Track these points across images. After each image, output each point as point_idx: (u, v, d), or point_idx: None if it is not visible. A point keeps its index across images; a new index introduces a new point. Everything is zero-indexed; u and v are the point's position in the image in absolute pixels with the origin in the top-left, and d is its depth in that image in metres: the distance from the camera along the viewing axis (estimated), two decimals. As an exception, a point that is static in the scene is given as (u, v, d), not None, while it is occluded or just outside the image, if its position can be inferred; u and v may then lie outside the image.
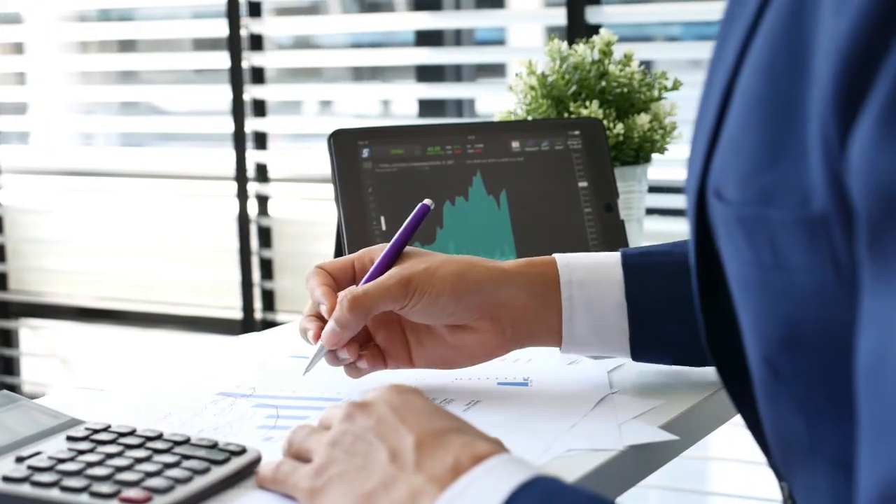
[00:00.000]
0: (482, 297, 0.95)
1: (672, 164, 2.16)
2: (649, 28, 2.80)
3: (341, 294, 0.96)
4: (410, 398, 0.76)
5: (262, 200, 2.83)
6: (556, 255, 1.00)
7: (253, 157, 2.80)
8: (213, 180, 2.95)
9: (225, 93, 2.80)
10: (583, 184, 1.38)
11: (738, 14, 0.63)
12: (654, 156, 1.57)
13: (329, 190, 2.77)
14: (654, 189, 1.83)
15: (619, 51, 1.58)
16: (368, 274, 0.99)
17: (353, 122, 2.98)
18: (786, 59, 0.57)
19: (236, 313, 2.88)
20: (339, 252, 1.36)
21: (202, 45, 3.21)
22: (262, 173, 2.81)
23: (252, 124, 2.79)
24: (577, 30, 2.30)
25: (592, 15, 2.34)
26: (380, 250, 1.00)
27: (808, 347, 0.58)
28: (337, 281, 1.00)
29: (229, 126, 2.79)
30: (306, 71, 3.21)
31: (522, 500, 0.64)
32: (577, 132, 1.41)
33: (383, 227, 1.30)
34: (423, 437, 0.71)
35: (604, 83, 1.56)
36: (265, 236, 2.85)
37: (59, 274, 3.17)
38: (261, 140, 2.81)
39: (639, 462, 0.88)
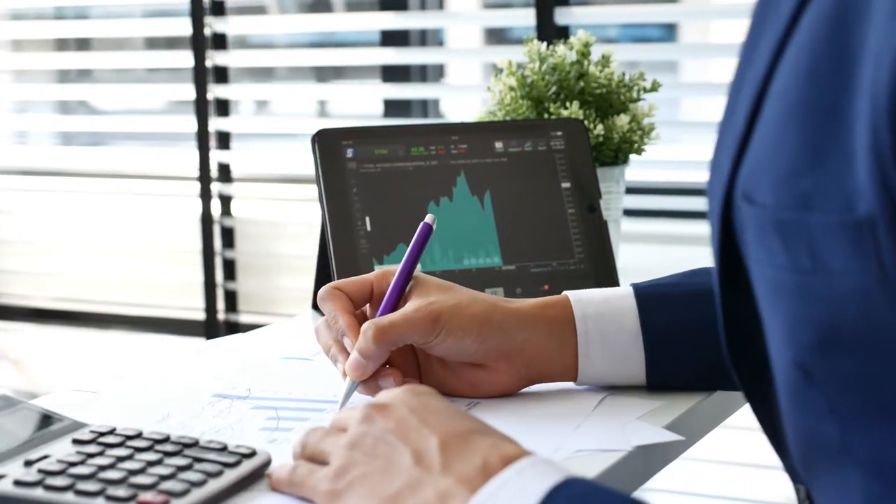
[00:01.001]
0: (503, 340, 0.95)
1: (647, 165, 2.18)
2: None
3: (365, 325, 0.94)
4: (428, 399, 0.75)
5: (226, 200, 2.81)
6: (568, 293, 1.00)
7: (216, 156, 2.78)
8: (175, 180, 2.92)
9: (187, 91, 2.78)
10: (566, 184, 1.38)
11: (769, 17, 0.63)
12: (631, 157, 1.57)
13: (294, 190, 2.77)
14: (630, 190, 1.84)
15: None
16: (384, 301, 0.98)
17: (314, 123, 2.96)
18: (829, 63, 0.57)
19: (199, 314, 2.85)
20: (322, 253, 1.35)
21: (156, 43, 3.19)
22: (225, 173, 2.79)
23: (215, 124, 2.76)
24: (547, 31, 2.30)
25: (561, 16, 2.34)
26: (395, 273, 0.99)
27: (844, 350, 0.58)
28: (354, 302, 0.99)
29: (192, 125, 2.77)
30: (260, 71, 3.17)
31: (557, 502, 0.64)
32: (559, 133, 1.41)
33: (368, 228, 1.30)
34: (447, 438, 0.71)
35: (582, 84, 1.56)
36: (228, 237, 2.83)
37: (16, 275, 3.13)
38: (224, 140, 2.79)
39: (646, 462, 0.88)
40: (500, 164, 1.37)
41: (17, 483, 0.73)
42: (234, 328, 2.82)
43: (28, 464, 0.76)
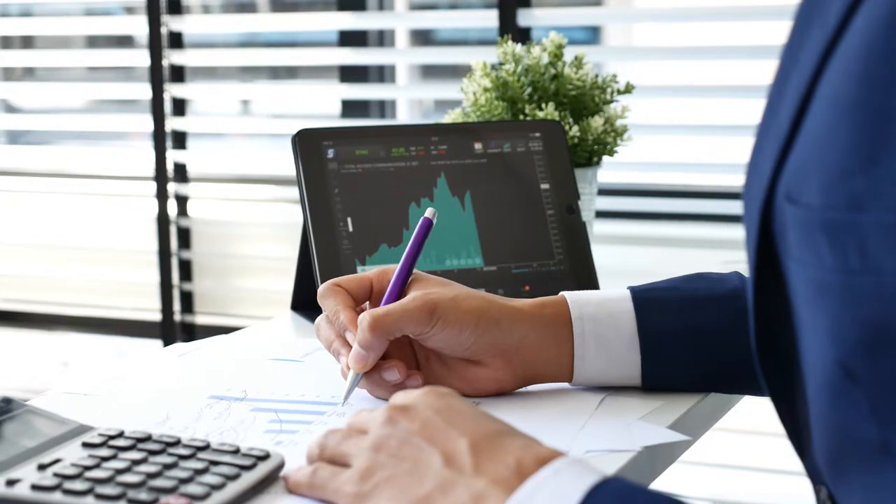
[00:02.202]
0: (499, 336, 0.96)
1: (616, 166, 2.19)
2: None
3: (362, 315, 0.95)
4: (452, 401, 0.75)
5: (181, 200, 2.78)
6: (565, 293, 1.00)
7: (172, 156, 2.76)
8: (130, 180, 2.89)
9: (144, 91, 2.75)
10: (544, 185, 1.39)
11: (814, 20, 0.64)
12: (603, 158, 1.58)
13: (250, 190, 2.75)
14: (600, 192, 1.85)
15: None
16: (386, 295, 0.98)
17: (268, 123, 2.95)
18: (885, 65, 0.57)
19: (154, 315, 2.83)
20: (304, 254, 1.34)
21: (96, 42, 3.15)
22: (181, 173, 2.77)
23: (171, 123, 2.74)
24: (509, 32, 2.30)
25: (523, 18, 2.35)
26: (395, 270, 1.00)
27: (890, 349, 0.58)
28: (354, 299, 0.99)
29: (148, 125, 2.74)
30: (205, 70, 3.14)
31: (597, 502, 0.64)
32: (537, 134, 1.42)
33: (350, 229, 1.29)
34: (476, 439, 0.71)
35: (556, 85, 1.57)
36: (184, 237, 2.80)
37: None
38: (180, 139, 2.76)
39: (652, 462, 0.89)
40: (480, 166, 1.37)
41: (35, 487, 0.72)
42: (190, 329, 2.80)
43: (41, 468, 0.75)
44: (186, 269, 2.82)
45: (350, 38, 2.71)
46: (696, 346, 0.98)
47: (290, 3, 3.21)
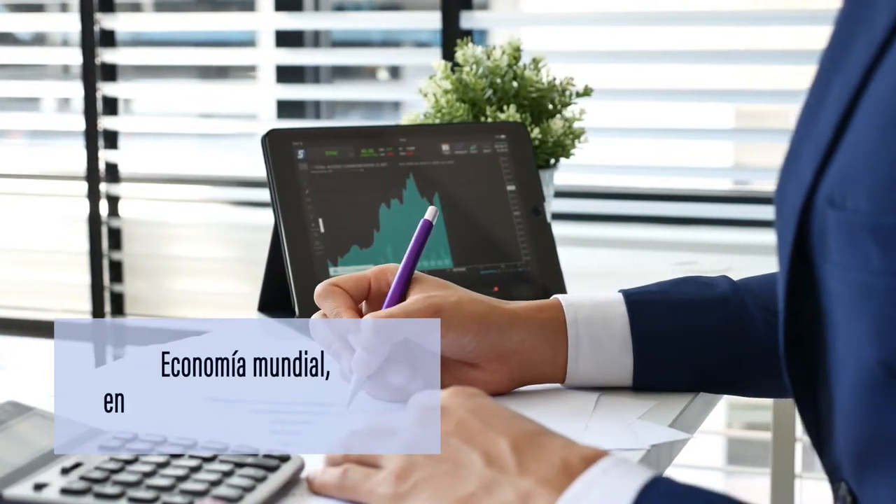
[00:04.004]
0: (499, 340, 0.97)
1: (572, 168, 2.20)
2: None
3: (365, 318, 0.94)
4: (483, 401, 0.75)
5: (113, 201, 2.75)
6: (559, 297, 1.01)
7: (104, 156, 2.72)
8: (60, 179, 2.84)
9: (76, 90, 2.71)
10: (511, 187, 1.39)
11: (858, 31, 0.65)
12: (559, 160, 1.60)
13: (182, 190, 2.72)
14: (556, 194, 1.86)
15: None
16: (388, 298, 0.98)
17: (200, 123, 2.92)
18: None
19: (85, 317, 2.79)
20: (274, 255, 1.34)
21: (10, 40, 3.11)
22: (112, 173, 2.73)
23: (103, 122, 2.70)
24: (452, 35, 2.31)
25: (466, 20, 2.35)
26: (394, 270, 0.99)
27: None
28: (353, 299, 0.98)
29: (80, 124, 2.71)
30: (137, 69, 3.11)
31: (652, 500, 0.65)
32: (502, 136, 1.43)
33: (322, 230, 1.29)
34: (517, 439, 0.71)
35: (516, 86, 1.58)
36: (115, 238, 2.77)
37: None
38: (111, 139, 2.73)
39: (657, 461, 0.90)
40: (448, 167, 1.38)
41: (65, 491, 0.71)
42: (120, 331, 2.76)
43: (65, 471, 0.74)
44: (117, 270, 2.78)
45: (286, 39, 2.70)
46: (687, 348, 1.00)
47: (222, 2, 3.18)
